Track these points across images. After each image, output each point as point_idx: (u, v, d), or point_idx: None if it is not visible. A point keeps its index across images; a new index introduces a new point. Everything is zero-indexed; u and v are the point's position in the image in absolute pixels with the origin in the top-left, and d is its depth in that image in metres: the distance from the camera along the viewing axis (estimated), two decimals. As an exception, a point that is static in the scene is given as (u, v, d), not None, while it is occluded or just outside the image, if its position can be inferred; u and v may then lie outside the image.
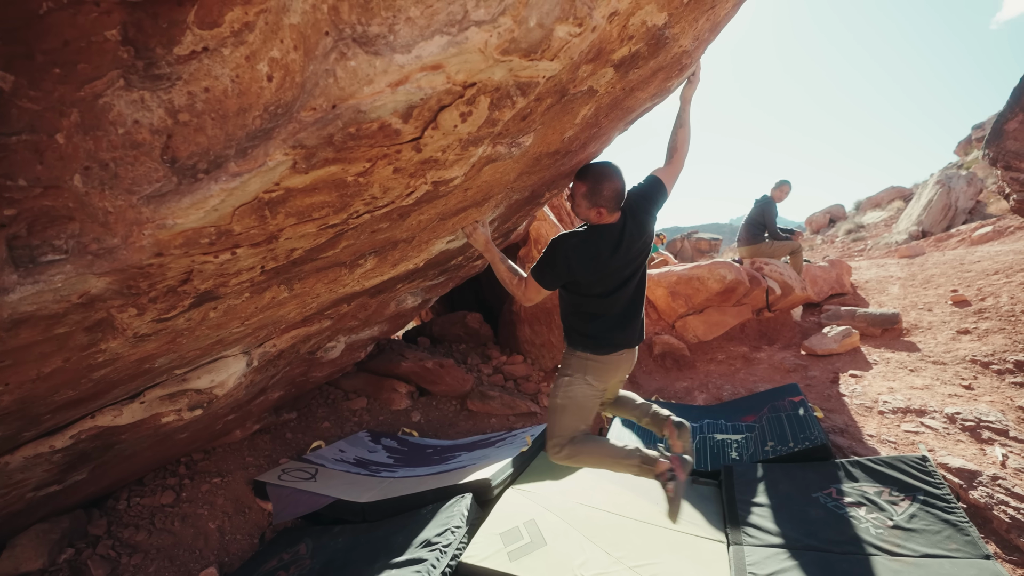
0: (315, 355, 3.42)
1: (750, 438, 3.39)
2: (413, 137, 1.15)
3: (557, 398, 2.21)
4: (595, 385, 2.20)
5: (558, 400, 2.21)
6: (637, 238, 2.08)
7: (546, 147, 1.83)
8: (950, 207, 11.67)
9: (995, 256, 6.23)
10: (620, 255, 2.04)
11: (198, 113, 1.12)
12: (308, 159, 1.08)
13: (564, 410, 2.20)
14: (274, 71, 1.09)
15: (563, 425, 2.20)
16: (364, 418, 4.33)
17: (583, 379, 2.18)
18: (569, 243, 2.00)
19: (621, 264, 2.06)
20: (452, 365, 4.62)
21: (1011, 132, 4.14)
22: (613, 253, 2.01)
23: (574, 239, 2.01)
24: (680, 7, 1.46)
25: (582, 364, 2.18)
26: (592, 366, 2.18)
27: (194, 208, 1.09)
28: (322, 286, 2.04)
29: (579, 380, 2.18)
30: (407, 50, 0.97)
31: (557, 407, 2.21)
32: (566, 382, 2.20)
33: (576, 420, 2.21)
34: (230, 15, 1.11)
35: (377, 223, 1.55)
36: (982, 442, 3.13)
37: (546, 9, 0.99)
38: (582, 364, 2.18)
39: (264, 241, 1.30)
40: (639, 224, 2.08)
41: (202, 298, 1.47)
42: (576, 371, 2.19)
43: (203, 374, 2.33)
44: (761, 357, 4.96)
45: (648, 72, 1.79)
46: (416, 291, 3.40)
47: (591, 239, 2.00)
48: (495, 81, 1.11)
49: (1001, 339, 4.37)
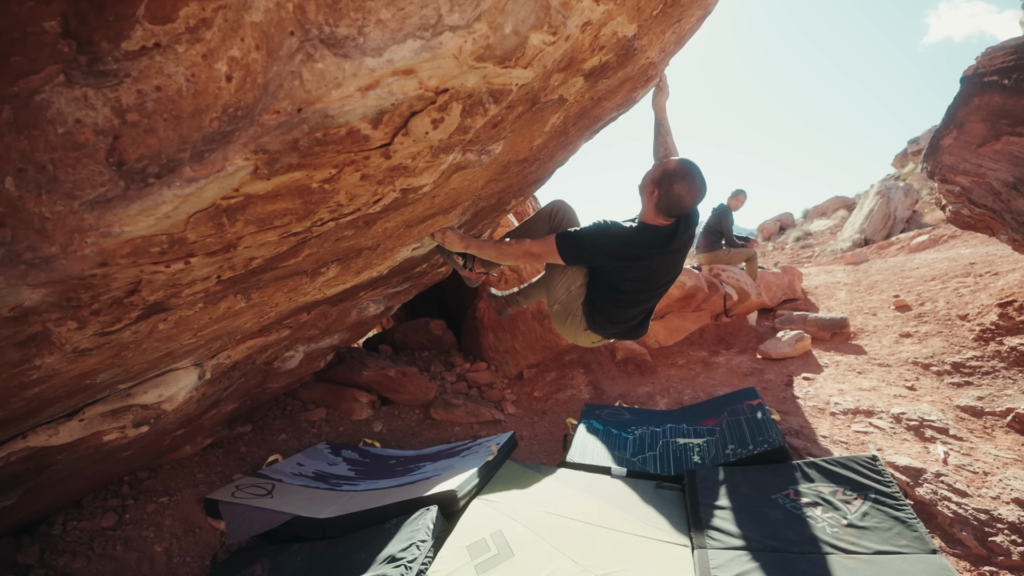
0: (272, 365, 3.28)
1: (711, 442, 3.46)
2: (382, 143, 1.11)
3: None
4: (573, 313, 2.24)
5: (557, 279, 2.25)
6: (680, 251, 2.03)
7: (515, 155, 1.81)
8: (890, 216, 12.37)
9: (932, 263, 6.64)
10: (662, 259, 1.99)
11: (148, 113, 1.04)
12: (271, 164, 1.02)
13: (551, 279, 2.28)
14: (234, 71, 1.03)
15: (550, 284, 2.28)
16: (323, 429, 4.19)
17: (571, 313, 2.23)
18: (616, 232, 1.92)
19: (661, 267, 2.03)
20: (415, 373, 4.54)
21: (946, 147, 4.41)
22: (656, 255, 1.95)
23: (624, 231, 1.93)
24: (649, 19, 1.47)
25: (576, 316, 2.21)
26: (574, 317, 2.24)
27: (144, 215, 1.01)
28: (281, 295, 1.95)
29: (568, 313, 2.24)
30: (378, 53, 0.93)
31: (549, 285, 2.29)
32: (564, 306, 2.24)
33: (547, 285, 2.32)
34: (185, 10, 1.04)
35: (342, 231, 1.49)
36: (925, 440, 3.30)
37: (522, 16, 0.98)
38: (576, 316, 2.21)
39: (221, 250, 1.22)
40: (685, 237, 2.02)
41: (151, 310, 1.37)
42: (570, 312, 2.23)
43: (150, 388, 2.19)
44: (720, 361, 5.09)
45: (616, 82, 1.80)
46: (379, 299, 3.32)
47: (644, 234, 1.93)
48: (468, 88, 1.09)
49: (939, 342, 4.63)
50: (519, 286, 3.12)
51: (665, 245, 1.95)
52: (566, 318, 2.24)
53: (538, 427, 4.33)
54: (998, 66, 4.05)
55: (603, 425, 3.84)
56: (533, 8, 0.99)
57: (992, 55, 4.13)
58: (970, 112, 4.17)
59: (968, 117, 4.19)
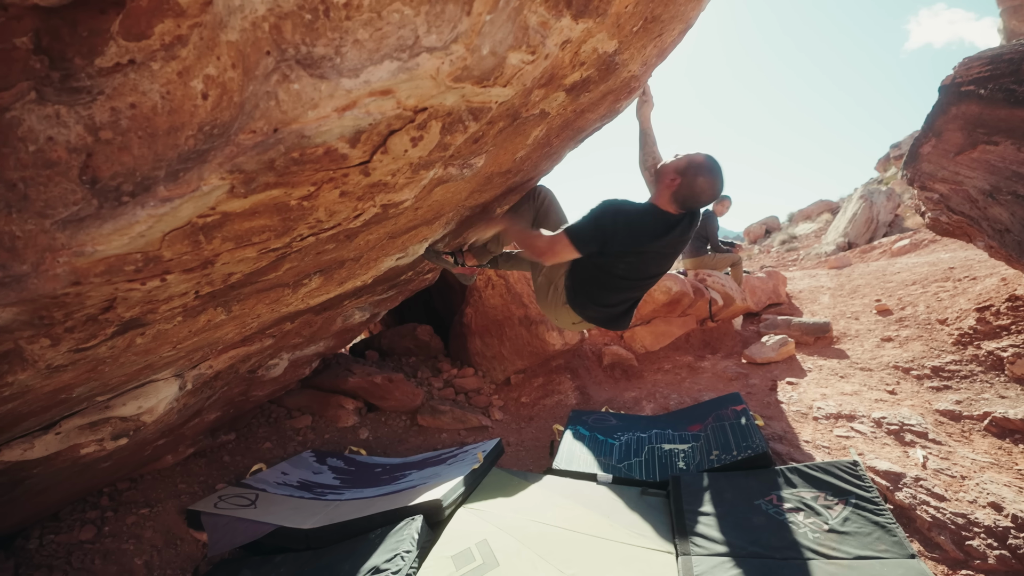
0: (256, 373, 3.25)
1: (696, 447, 3.49)
2: (361, 161, 1.11)
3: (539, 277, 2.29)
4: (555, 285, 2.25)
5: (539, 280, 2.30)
6: (678, 244, 2.07)
7: (498, 167, 1.81)
8: (872, 220, 12.56)
9: (912, 268, 6.75)
10: (659, 247, 2.00)
11: (123, 131, 1.03)
12: (247, 183, 1.02)
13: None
14: (210, 89, 1.02)
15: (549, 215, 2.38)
16: (309, 437, 4.16)
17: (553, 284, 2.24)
18: (626, 209, 1.92)
19: (655, 256, 2.05)
20: (401, 379, 4.52)
21: (925, 155, 4.49)
22: (655, 240, 1.97)
23: (633, 208, 1.94)
24: (630, 35, 1.49)
25: (557, 289, 2.22)
26: (552, 298, 2.26)
27: (117, 234, 1.00)
28: (263, 307, 1.94)
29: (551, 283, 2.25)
30: (355, 74, 0.93)
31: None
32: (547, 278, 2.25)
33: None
34: (160, 27, 1.03)
35: (323, 245, 1.48)
36: (905, 445, 3.35)
37: (499, 37, 0.98)
38: (557, 289, 2.22)
39: (198, 267, 1.21)
40: (687, 234, 2.07)
41: (127, 326, 1.35)
42: (552, 282, 2.24)
43: (129, 400, 2.16)
44: (705, 366, 5.13)
45: (599, 95, 1.81)
46: (364, 306, 3.31)
47: (648, 216, 1.95)
48: (447, 106, 1.09)
49: (919, 346, 4.71)
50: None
51: (666, 234, 1.97)
52: (548, 290, 2.25)
53: (525, 433, 4.33)
54: (974, 76, 4.13)
55: (589, 431, 3.85)
56: (511, 29, 0.99)
57: (969, 65, 4.21)
58: (948, 121, 4.25)
59: (946, 126, 4.27)
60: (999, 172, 3.93)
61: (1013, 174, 3.85)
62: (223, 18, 0.95)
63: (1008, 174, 3.88)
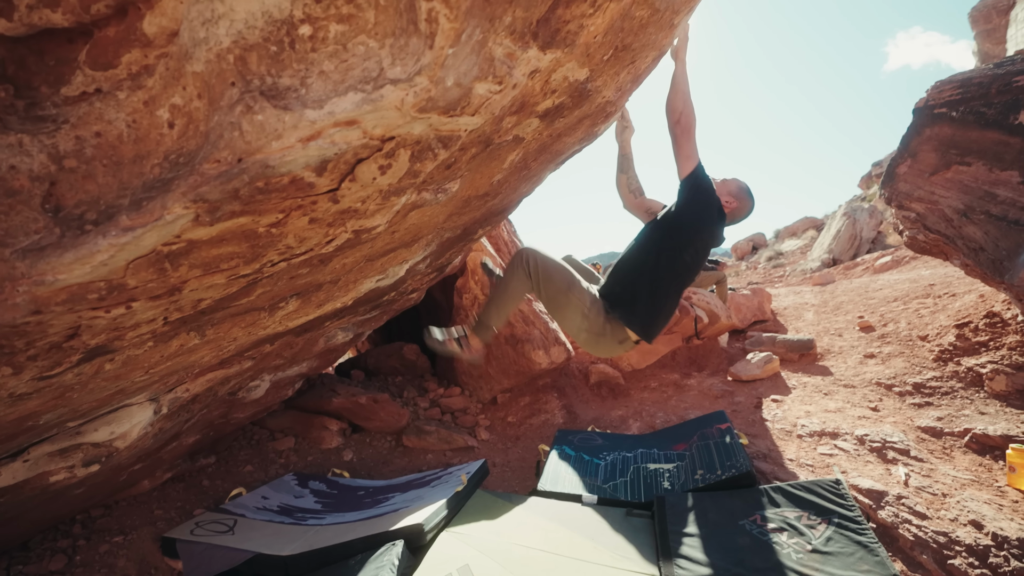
0: (236, 395, 3.20)
1: (681, 467, 3.48)
2: (329, 189, 1.11)
3: (576, 289, 2.27)
4: (581, 332, 2.31)
5: (574, 291, 2.26)
6: (713, 240, 2.36)
7: (475, 190, 1.83)
8: (856, 237, 12.76)
9: (894, 284, 6.84)
10: (714, 232, 2.30)
11: (87, 159, 1.03)
12: (212, 212, 1.02)
13: (568, 289, 2.26)
14: (176, 118, 1.02)
15: (551, 279, 2.25)
16: (291, 459, 4.09)
17: (584, 321, 2.27)
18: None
19: (706, 245, 2.31)
20: (387, 400, 4.48)
21: (902, 175, 4.59)
22: (715, 226, 2.27)
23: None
24: (601, 63, 1.51)
25: (600, 326, 2.26)
26: (606, 334, 2.28)
27: (79, 263, 0.99)
28: (239, 330, 1.92)
29: (582, 318, 2.27)
30: (319, 105, 0.94)
31: (569, 285, 2.26)
32: (583, 308, 2.26)
33: (550, 290, 2.28)
34: (127, 57, 1.03)
35: (295, 270, 1.48)
36: (887, 462, 3.36)
37: (463, 69, 1.00)
38: (600, 326, 2.26)
39: (165, 294, 1.20)
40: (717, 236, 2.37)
41: (94, 353, 1.34)
42: (591, 320, 2.27)
43: (101, 426, 2.11)
44: (691, 384, 5.14)
45: (574, 120, 1.84)
46: (347, 327, 3.28)
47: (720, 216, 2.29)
48: (415, 135, 1.10)
49: (901, 362, 4.76)
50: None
51: (717, 223, 2.28)
52: (598, 339, 2.30)
53: (511, 453, 4.29)
54: (946, 99, 4.25)
55: (575, 451, 3.82)
56: (475, 61, 1.01)
57: (941, 88, 4.34)
58: (922, 142, 4.36)
59: (921, 147, 4.38)
60: (972, 192, 4.03)
61: (985, 194, 3.95)
62: (188, 49, 0.96)
63: (980, 194, 3.97)
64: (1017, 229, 3.70)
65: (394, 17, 0.91)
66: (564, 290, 2.24)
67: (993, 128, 3.94)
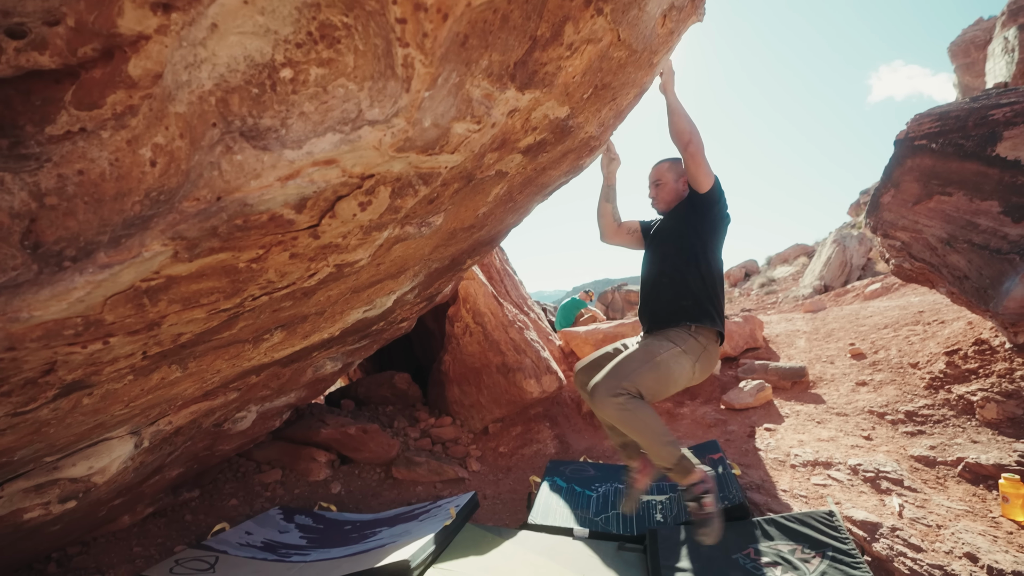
0: (222, 427, 3.16)
1: (674, 498, 3.43)
2: (310, 225, 1.13)
3: (660, 355, 2.10)
4: (695, 373, 2.19)
5: (660, 358, 2.09)
6: None
7: (460, 223, 1.85)
8: (846, 264, 12.89)
9: (884, 311, 6.88)
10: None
11: (68, 197, 1.04)
12: (191, 249, 1.03)
13: (657, 368, 2.07)
14: (158, 157, 1.04)
15: (643, 377, 2.03)
16: (278, 492, 4.00)
17: (693, 362, 2.15)
18: None
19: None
20: (376, 430, 4.42)
21: (886, 204, 4.67)
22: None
23: None
24: (581, 101, 1.56)
25: (700, 348, 2.16)
26: (707, 354, 2.19)
27: (55, 300, 0.99)
28: (223, 362, 1.90)
29: (690, 361, 2.14)
30: (298, 145, 0.96)
31: (654, 362, 2.08)
32: (678, 353, 2.12)
33: (656, 385, 2.09)
34: (112, 97, 1.06)
35: (278, 303, 1.48)
36: (881, 492, 3.33)
37: (441, 111, 1.02)
38: (700, 348, 2.16)
39: (144, 328, 1.20)
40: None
41: (71, 388, 1.32)
42: (692, 352, 2.15)
43: (79, 460, 2.07)
44: (685, 412, 5.10)
45: (558, 154, 1.88)
46: (336, 356, 3.26)
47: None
48: (395, 173, 1.12)
49: (893, 390, 4.75)
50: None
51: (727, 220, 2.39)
52: (704, 354, 2.20)
53: (502, 485, 4.22)
54: (926, 131, 4.37)
55: (567, 483, 3.77)
56: (453, 102, 1.04)
57: (920, 121, 4.46)
58: (904, 172, 4.46)
59: (903, 177, 4.47)
60: (954, 221, 4.10)
61: (967, 223, 4.02)
62: (172, 91, 0.98)
63: (962, 223, 4.04)
64: (999, 258, 3.76)
65: (372, 61, 0.93)
66: (651, 360, 2.09)
67: (972, 159, 4.04)
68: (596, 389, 2.04)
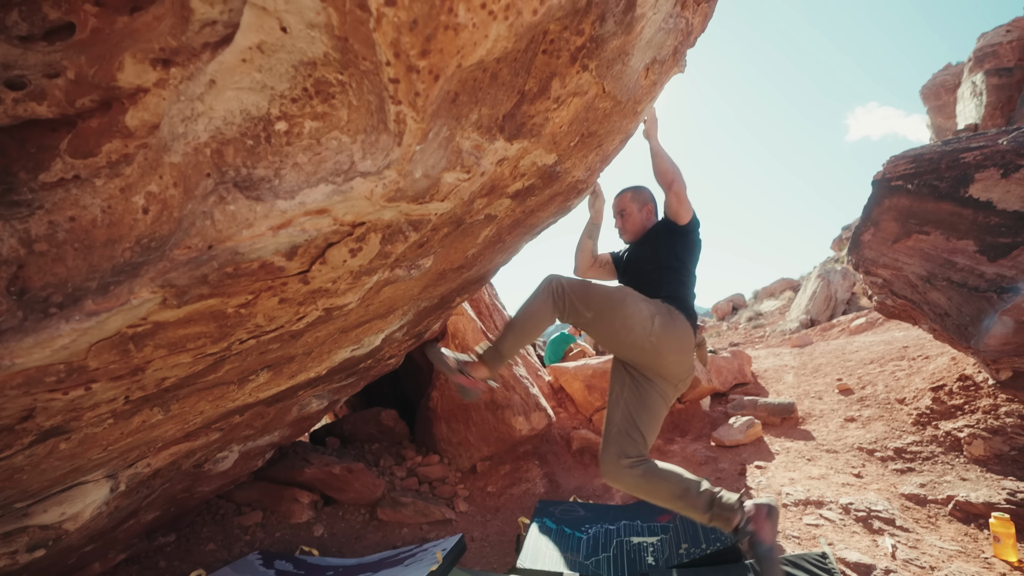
0: (202, 468, 3.07)
1: (665, 540, 3.36)
2: (300, 271, 1.13)
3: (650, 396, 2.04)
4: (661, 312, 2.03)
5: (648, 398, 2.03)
6: None
7: (450, 264, 1.87)
8: (831, 298, 13.08)
9: (870, 346, 6.96)
10: None
11: (58, 243, 1.04)
12: (180, 296, 1.03)
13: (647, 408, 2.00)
14: (151, 204, 1.05)
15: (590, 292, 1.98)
16: (258, 535, 3.87)
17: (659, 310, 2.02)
18: None
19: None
20: (362, 469, 4.32)
21: (866, 242, 4.78)
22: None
23: None
24: (568, 148, 1.60)
25: (666, 308, 2.08)
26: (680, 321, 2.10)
27: (39, 348, 0.98)
28: (206, 404, 1.87)
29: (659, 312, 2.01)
30: (291, 196, 0.97)
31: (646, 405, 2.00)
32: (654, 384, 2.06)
33: (651, 424, 2.01)
34: (108, 146, 1.08)
35: (265, 346, 1.48)
36: (874, 532, 3.30)
37: (431, 162, 1.05)
38: (666, 308, 2.08)
39: (128, 374, 1.18)
40: None
41: (48, 434, 1.29)
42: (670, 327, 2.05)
43: (51, 507, 1.99)
44: (675, 450, 5.06)
45: (546, 197, 1.92)
46: (322, 394, 3.22)
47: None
48: (385, 220, 1.14)
49: (881, 426, 4.77)
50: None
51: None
52: (672, 320, 2.04)
53: (491, 526, 4.12)
54: (901, 172, 4.52)
55: (556, 524, 3.69)
56: (443, 154, 1.07)
57: (896, 163, 4.62)
58: (883, 212, 4.59)
59: (882, 216, 4.60)
60: (933, 259, 4.21)
61: (945, 261, 4.12)
62: (168, 142, 1.00)
63: (941, 261, 4.14)
64: (977, 296, 3.85)
65: (366, 116, 0.97)
66: (613, 290, 2.02)
67: (947, 200, 4.17)
68: (613, 464, 1.94)
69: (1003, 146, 3.84)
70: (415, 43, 0.82)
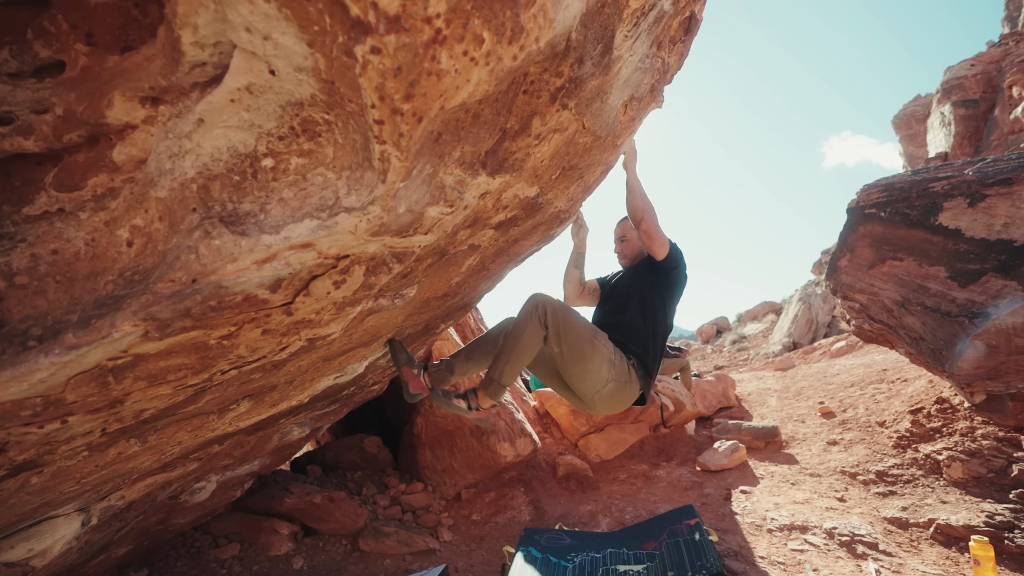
0: (178, 499, 2.99)
1: (651, 568, 3.33)
2: (284, 303, 1.14)
3: (599, 342, 2.07)
4: (602, 389, 2.10)
5: (599, 342, 2.07)
6: None
7: (434, 292, 1.88)
8: (812, 321, 13.29)
9: (850, 369, 7.07)
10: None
11: (40, 276, 1.04)
12: (162, 329, 1.03)
13: (591, 343, 2.04)
14: (135, 238, 1.06)
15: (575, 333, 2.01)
16: (235, 569, 3.75)
17: (610, 379, 2.08)
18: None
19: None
20: (343, 499, 4.23)
21: (843, 268, 4.90)
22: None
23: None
24: (549, 181, 1.65)
25: (624, 380, 2.12)
26: (621, 389, 2.13)
27: (15, 382, 0.98)
28: (185, 434, 1.84)
29: (609, 373, 2.08)
30: (276, 231, 0.99)
31: (593, 341, 2.05)
32: (610, 359, 2.08)
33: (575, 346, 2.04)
34: (94, 180, 1.09)
35: (247, 376, 1.47)
36: (857, 557, 3.31)
37: (415, 198, 1.08)
38: (624, 380, 2.12)
39: (106, 406, 1.17)
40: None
41: (20, 468, 1.26)
42: (618, 373, 2.10)
43: (18, 543, 1.93)
44: (660, 475, 5.05)
45: (529, 227, 1.96)
46: (304, 422, 3.17)
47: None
48: (369, 253, 1.16)
49: (863, 449, 4.82)
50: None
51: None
52: (624, 388, 2.13)
53: (475, 556, 4.04)
54: (874, 200, 4.67)
55: (542, 552, 3.64)
56: (427, 189, 1.10)
57: (869, 191, 4.77)
58: (858, 239, 4.72)
59: (857, 243, 4.73)
60: (907, 285, 4.32)
61: (919, 287, 4.24)
62: (154, 177, 1.02)
63: (914, 287, 4.26)
64: (950, 320, 3.96)
65: (351, 154, 0.99)
66: (589, 338, 2.05)
67: (918, 228, 4.31)
68: (541, 301, 2.00)
69: (969, 176, 4.00)
70: (399, 88, 0.85)
